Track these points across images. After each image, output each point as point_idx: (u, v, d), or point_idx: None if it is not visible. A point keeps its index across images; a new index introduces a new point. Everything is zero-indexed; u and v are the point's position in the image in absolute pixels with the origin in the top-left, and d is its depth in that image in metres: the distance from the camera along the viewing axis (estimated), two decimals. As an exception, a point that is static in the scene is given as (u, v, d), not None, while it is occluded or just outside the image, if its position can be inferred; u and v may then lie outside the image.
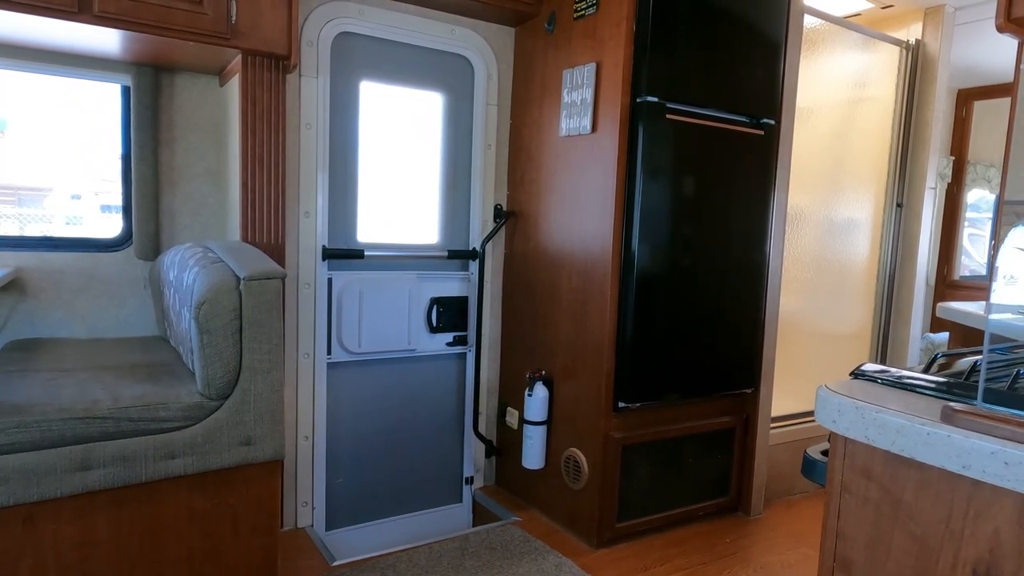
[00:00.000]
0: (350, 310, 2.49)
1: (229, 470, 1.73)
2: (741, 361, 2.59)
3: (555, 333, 2.54)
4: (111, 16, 1.82)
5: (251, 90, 2.10)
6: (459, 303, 2.74)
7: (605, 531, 2.38)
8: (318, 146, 2.38)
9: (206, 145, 2.41)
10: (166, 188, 2.36)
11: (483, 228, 2.75)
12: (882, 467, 0.76)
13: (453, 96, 2.67)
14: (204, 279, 1.71)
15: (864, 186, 3.17)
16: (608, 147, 2.27)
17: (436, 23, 2.56)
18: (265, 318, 1.74)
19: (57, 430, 1.51)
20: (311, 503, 2.50)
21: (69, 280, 2.25)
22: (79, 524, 1.56)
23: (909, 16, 3.17)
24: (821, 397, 0.81)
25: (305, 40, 2.31)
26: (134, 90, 2.25)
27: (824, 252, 3.07)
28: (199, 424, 1.68)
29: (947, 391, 0.81)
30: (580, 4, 2.36)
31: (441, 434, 2.80)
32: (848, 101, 3.06)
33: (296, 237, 2.38)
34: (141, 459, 1.60)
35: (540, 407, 2.54)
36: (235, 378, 1.72)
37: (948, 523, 0.71)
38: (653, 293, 2.31)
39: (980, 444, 0.66)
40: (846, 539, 0.79)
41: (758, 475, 2.69)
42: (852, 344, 3.29)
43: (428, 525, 2.78)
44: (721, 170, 2.41)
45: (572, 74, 2.39)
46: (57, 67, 2.19)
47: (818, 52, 2.88)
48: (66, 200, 2.37)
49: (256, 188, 2.15)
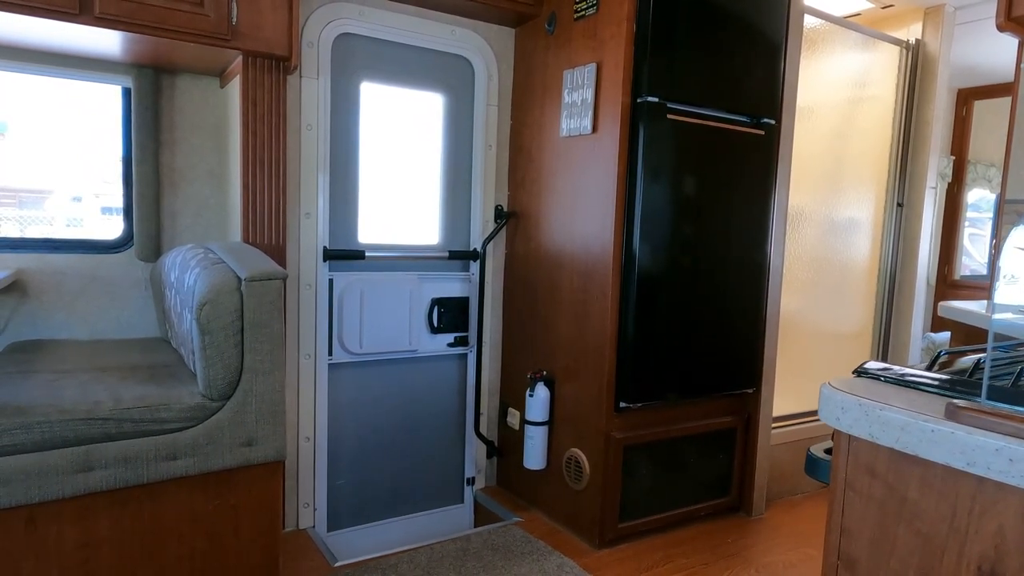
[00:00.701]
0: (351, 311, 2.49)
1: (231, 471, 1.73)
2: (742, 361, 2.59)
3: (556, 333, 2.54)
4: (112, 17, 1.82)
5: (252, 91, 2.10)
6: (460, 304, 2.74)
7: (607, 531, 2.37)
8: (319, 147, 2.38)
9: (207, 146, 2.41)
10: (167, 189, 2.36)
11: (484, 229, 2.75)
12: (886, 464, 0.76)
13: (453, 97, 2.67)
14: (205, 280, 1.71)
15: (865, 186, 3.17)
16: (609, 147, 2.27)
17: (436, 24, 2.56)
18: (266, 319, 1.74)
19: (59, 431, 1.51)
20: (313, 504, 2.50)
21: (70, 282, 2.25)
22: (81, 525, 1.56)
23: (909, 16, 3.17)
24: (825, 394, 0.81)
25: (306, 41, 2.32)
26: (135, 92, 2.25)
27: (825, 252, 3.07)
28: (201, 425, 1.68)
29: (951, 388, 0.81)
30: (580, 4, 2.37)
31: (442, 435, 2.80)
32: (848, 101, 3.06)
33: (297, 238, 2.38)
34: (143, 460, 1.60)
35: (541, 407, 2.54)
36: (236, 379, 1.72)
37: (952, 520, 0.71)
38: (654, 293, 2.31)
39: (985, 441, 0.66)
40: (850, 536, 0.79)
41: (760, 475, 2.69)
42: (853, 344, 3.29)
43: (430, 526, 2.77)
44: (722, 170, 2.41)
45: (573, 74, 2.39)
46: (58, 69, 2.19)
47: (818, 52, 2.88)
48: (67, 202, 2.37)
49: (257, 189, 2.15)
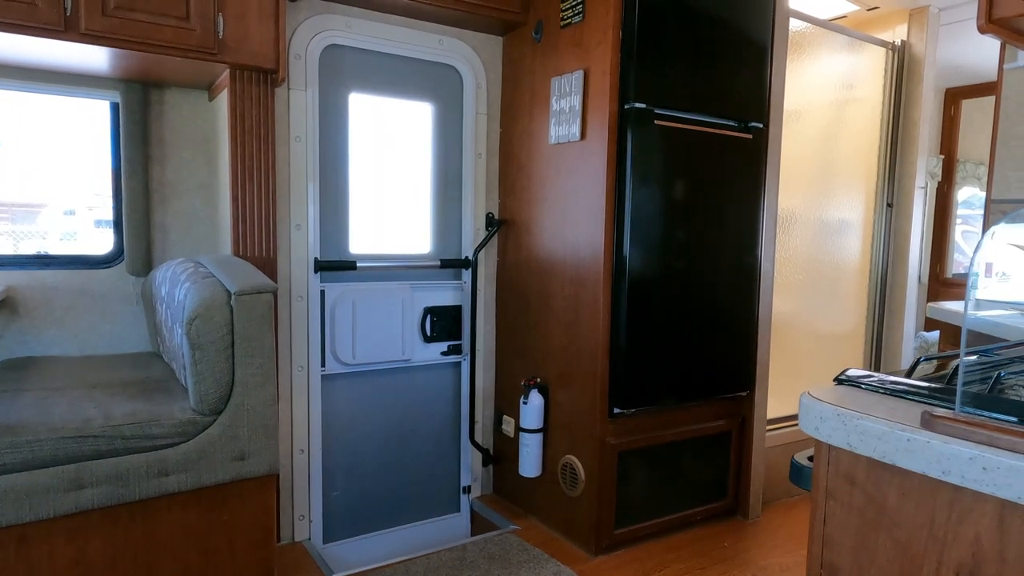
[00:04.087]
0: (343, 322, 2.49)
1: (224, 486, 1.73)
2: (735, 364, 2.59)
3: (549, 340, 2.54)
4: (98, 34, 1.83)
5: (240, 104, 2.11)
6: (453, 312, 2.74)
7: (603, 538, 2.37)
8: (308, 159, 2.39)
9: (198, 160, 2.41)
10: (157, 204, 2.37)
11: (475, 237, 2.76)
12: (865, 473, 0.76)
13: (442, 106, 2.68)
14: (195, 294, 1.71)
15: (854, 187, 3.18)
16: (598, 154, 2.28)
17: (423, 34, 2.57)
18: (257, 332, 1.74)
19: (49, 450, 1.51)
20: (308, 516, 2.49)
21: (61, 297, 2.25)
22: (73, 544, 1.56)
23: (894, 17, 3.19)
24: (804, 404, 0.81)
25: (293, 53, 2.32)
26: (123, 106, 2.26)
27: (816, 253, 3.08)
28: (192, 440, 1.68)
29: (929, 396, 0.81)
30: (567, 12, 2.38)
31: (438, 444, 2.80)
32: (836, 103, 3.08)
33: (288, 250, 2.38)
34: (134, 477, 1.60)
35: (536, 415, 2.54)
36: (228, 393, 1.72)
37: (931, 528, 0.71)
38: (646, 298, 2.32)
39: (959, 450, 0.66)
40: (832, 545, 0.80)
41: (755, 478, 2.69)
42: (846, 344, 3.30)
43: (426, 535, 2.77)
44: (711, 174, 2.42)
45: (560, 82, 2.40)
46: (45, 85, 2.19)
47: (805, 55, 2.89)
48: (60, 216, 2.37)
49: (247, 202, 2.15)
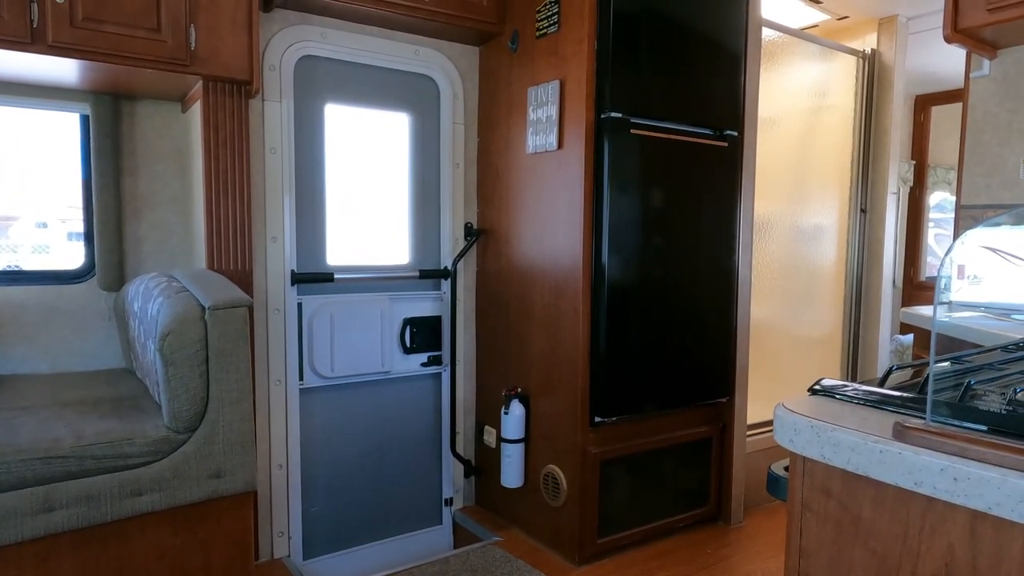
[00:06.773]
0: (322, 334, 2.46)
1: (199, 504, 1.70)
2: (715, 370, 2.61)
3: (529, 349, 2.54)
4: (66, 45, 1.80)
5: (213, 116, 2.08)
6: (432, 323, 2.72)
7: (586, 547, 2.37)
8: (283, 170, 2.36)
9: (170, 172, 2.38)
10: (130, 217, 2.33)
11: (454, 247, 2.75)
12: (840, 485, 0.77)
13: (419, 116, 2.67)
14: (168, 309, 1.68)
15: (829, 193, 3.23)
16: (575, 163, 2.29)
17: (399, 44, 2.56)
18: (232, 347, 1.71)
19: (16, 472, 1.47)
20: (287, 532, 2.45)
21: (30, 314, 2.20)
22: (43, 569, 1.52)
23: (864, 27, 3.25)
24: (779, 416, 0.81)
25: (267, 65, 2.30)
26: (93, 119, 2.22)
27: (792, 259, 3.11)
28: (166, 459, 1.65)
29: (902, 405, 0.82)
30: (542, 23, 2.38)
31: (419, 456, 2.78)
32: (809, 110, 3.12)
33: (264, 262, 2.35)
34: (106, 498, 1.56)
35: (517, 425, 2.53)
36: (203, 410, 1.69)
37: (905, 539, 0.72)
38: (625, 306, 2.32)
39: (930, 461, 0.67)
40: (808, 556, 0.80)
41: (736, 484, 2.71)
42: (824, 348, 3.34)
43: (408, 549, 2.74)
44: (687, 182, 2.44)
45: (537, 91, 2.41)
46: (12, 98, 2.15)
47: (778, 64, 2.93)
48: (32, 229, 2.32)
49: (221, 215, 2.13)
